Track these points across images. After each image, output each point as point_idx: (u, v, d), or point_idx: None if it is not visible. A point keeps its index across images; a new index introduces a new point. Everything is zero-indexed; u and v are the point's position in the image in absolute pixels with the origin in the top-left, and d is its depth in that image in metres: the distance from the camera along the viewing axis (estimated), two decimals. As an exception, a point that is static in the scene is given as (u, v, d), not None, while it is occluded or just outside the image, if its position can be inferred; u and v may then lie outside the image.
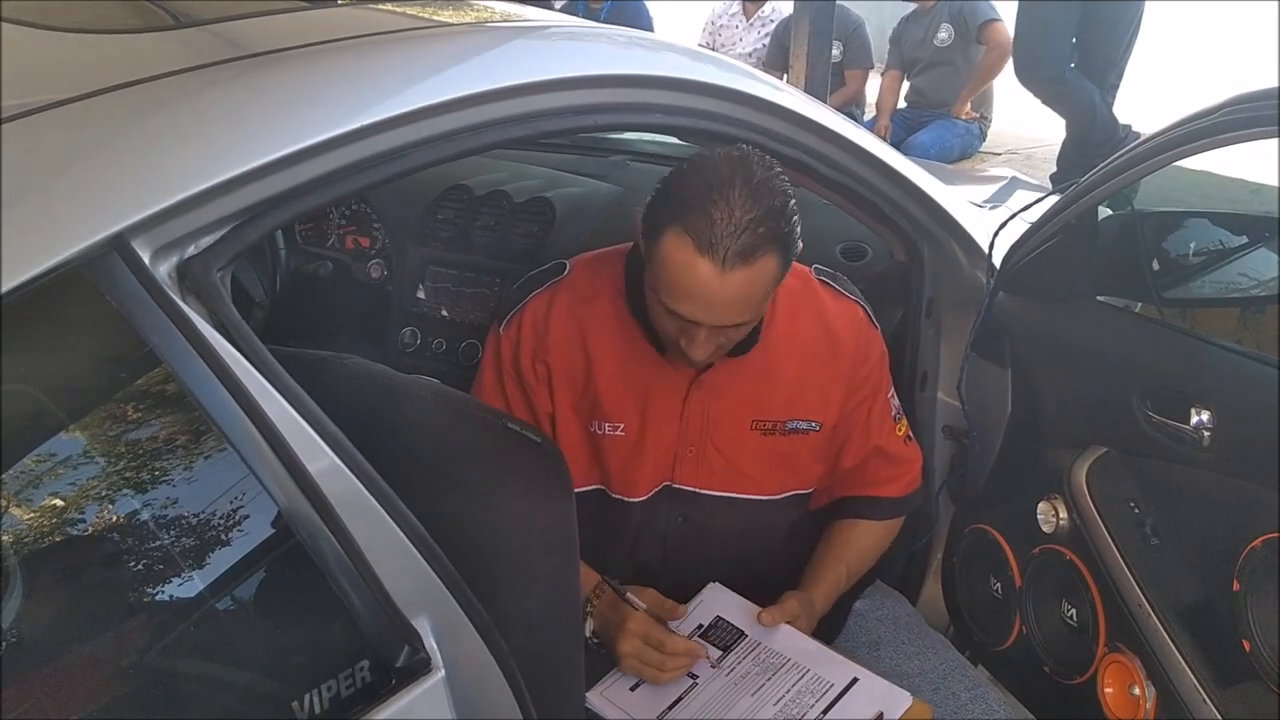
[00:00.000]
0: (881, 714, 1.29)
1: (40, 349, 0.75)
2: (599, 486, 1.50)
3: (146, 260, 0.77)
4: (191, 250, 0.83)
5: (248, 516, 0.83)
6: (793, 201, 1.25)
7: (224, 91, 0.91)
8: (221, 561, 0.82)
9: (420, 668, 0.89)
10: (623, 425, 1.44)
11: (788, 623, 1.42)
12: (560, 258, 1.98)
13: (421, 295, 2.12)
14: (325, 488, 0.83)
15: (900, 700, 1.32)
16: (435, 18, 1.31)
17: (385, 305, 2.16)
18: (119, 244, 0.75)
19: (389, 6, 1.42)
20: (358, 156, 0.95)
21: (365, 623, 0.87)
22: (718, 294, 1.23)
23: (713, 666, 1.37)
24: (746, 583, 1.49)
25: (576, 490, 1.15)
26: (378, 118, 0.96)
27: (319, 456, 0.84)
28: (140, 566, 0.79)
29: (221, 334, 0.81)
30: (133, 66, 0.91)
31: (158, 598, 0.80)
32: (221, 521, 0.81)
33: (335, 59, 1.02)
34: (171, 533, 0.79)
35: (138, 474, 0.79)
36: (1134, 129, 4.44)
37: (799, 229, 1.26)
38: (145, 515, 0.79)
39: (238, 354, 0.81)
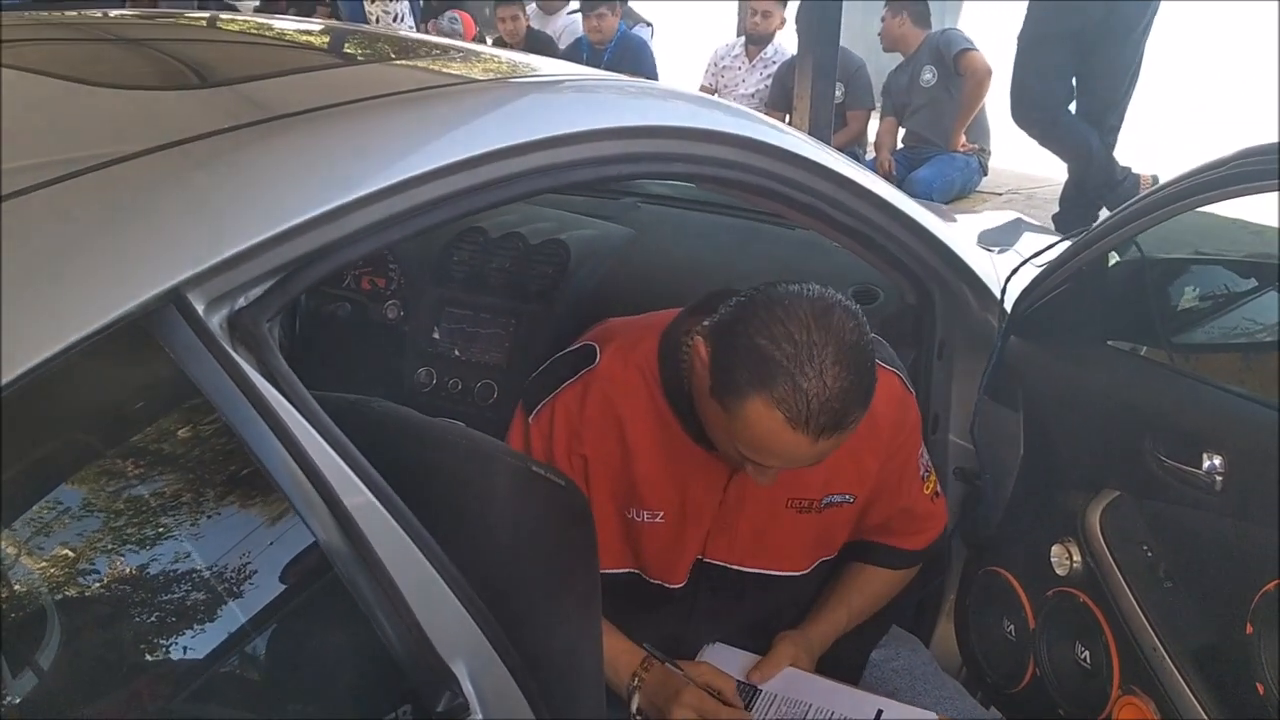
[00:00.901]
0: None
1: (101, 399, 0.77)
2: (633, 570, 1.49)
3: (201, 312, 0.79)
4: (241, 302, 0.85)
5: (291, 560, 0.84)
6: (872, 344, 1.22)
7: (266, 149, 0.94)
8: (266, 605, 0.84)
9: (459, 713, 0.90)
10: (662, 513, 1.43)
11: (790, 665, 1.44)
12: (575, 299, 2.03)
13: (437, 336, 2.14)
14: (368, 531, 0.85)
15: None
16: (449, 71, 1.34)
17: (401, 346, 2.18)
18: (176, 297, 0.77)
19: (404, 62, 1.45)
20: (395, 210, 0.98)
21: (406, 666, 0.89)
22: (807, 455, 1.20)
23: None
24: (765, 645, 1.51)
25: (609, 572, 1.13)
26: (411, 174, 0.98)
27: (361, 499, 0.86)
28: (186, 608, 0.81)
29: (270, 382, 0.84)
30: (167, 124, 0.94)
31: (203, 637, 0.82)
32: (265, 565, 0.83)
33: (368, 117, 1.05)
34: (219, 576, 0.81)
35: (189, 516, 0.81)
36: (1134, 171, 4.49)
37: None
38: (195, 557, 0.81)
39: (285, 402, 0.84)
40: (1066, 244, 1.56)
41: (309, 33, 1.62)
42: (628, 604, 1.46)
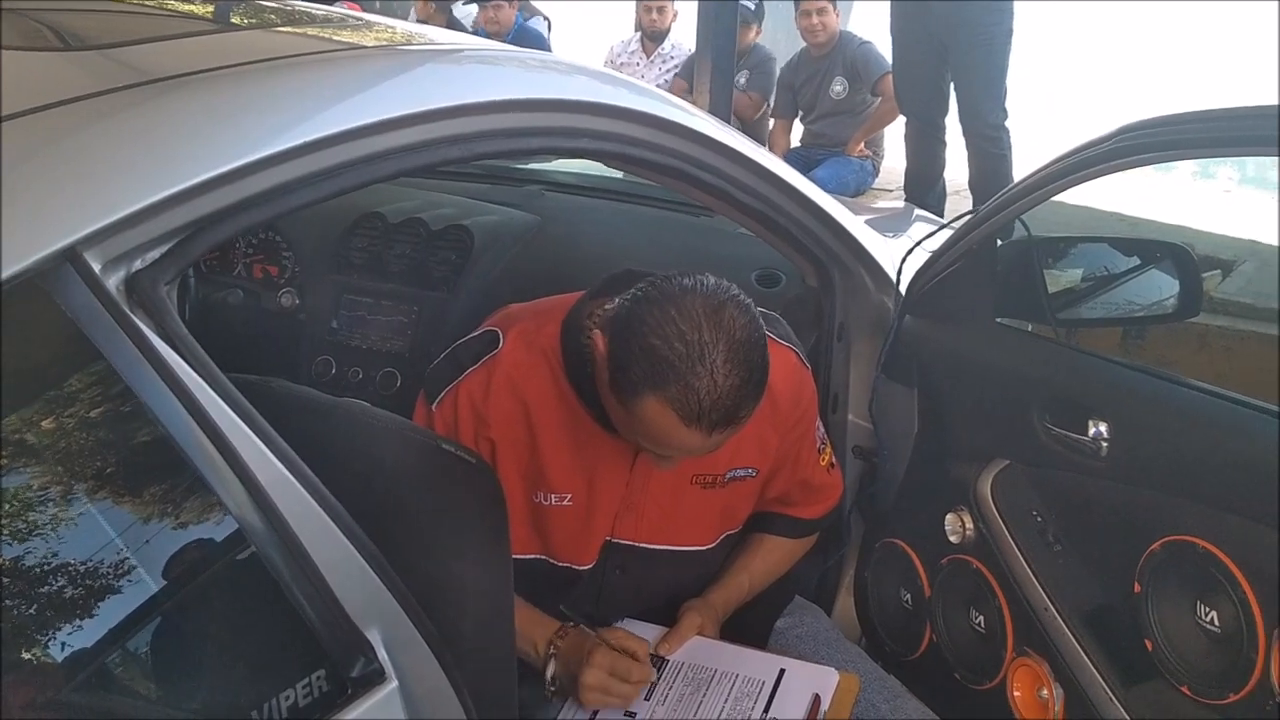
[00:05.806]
0: (817, 695, 1.34)
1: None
2: (540, 556, 1.49)
3: (98, 272, 0.77)
4: (139, 264, 0.83)
5: (204, 527, 0.82)
6: (765, 337, 1.25)
7: (158, 109, 0.91)
8: (180, 572, 0.81)
9: (375, 678, 0.90)
10: (569, 495, 1.44)
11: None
12: (480, 286, 2.01)
13: (336, 324, 2.10)
14: (278, 500, 0.83)
15: (829, 677, 1.37)
16: (341, 38, 1.31)
17: (297, 335, 2.13)
18: (72, 256, 0.75)
19: (291, 29, 1.41)
20: (293, 175, 0.96)
21: (320, 634, 0.88)
22: (702, 447, 1.24)
23: (645, 699, 1.39)
24: (674, 620, 1.51)
25: (516, 557, 1.15)
26: (310, 137, 0.96)
27: (270, 469, 0.84)
28: (98, 574, 0.78)
29: (170, 346, 0.81)
30: (41, 85, 0.90)
31: (117, 607, 0.79)
32: (173, 534, 0.81)
33: (259, 81, 1.02)
34: (131, 541, 0.79)
35: (91, 480, 0.78)
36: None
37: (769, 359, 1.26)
38: (101, 523, 0.78)
39: (187, 366, 0.81)
40: (957, 226, 1.62)
41: (191, 2, 1.56)
42: (536, 588, 1.46)
